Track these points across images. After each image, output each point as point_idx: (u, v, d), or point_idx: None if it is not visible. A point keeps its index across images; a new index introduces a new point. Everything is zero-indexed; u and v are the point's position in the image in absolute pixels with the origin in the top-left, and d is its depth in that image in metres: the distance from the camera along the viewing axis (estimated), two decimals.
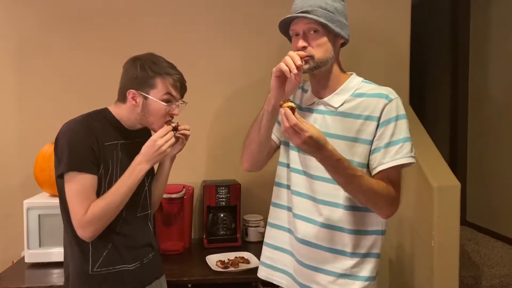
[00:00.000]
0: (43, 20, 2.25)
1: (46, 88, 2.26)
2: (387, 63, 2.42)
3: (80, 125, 1.32)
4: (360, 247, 1.26)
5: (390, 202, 1.20)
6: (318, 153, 1.10)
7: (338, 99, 1.26)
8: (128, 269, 1.38)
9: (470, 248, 2.94)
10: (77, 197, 1.27)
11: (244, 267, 1.82)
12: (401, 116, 1.22)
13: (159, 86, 1.35)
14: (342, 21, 1.24)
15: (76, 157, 1.28)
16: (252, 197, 2.36)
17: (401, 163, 1.20)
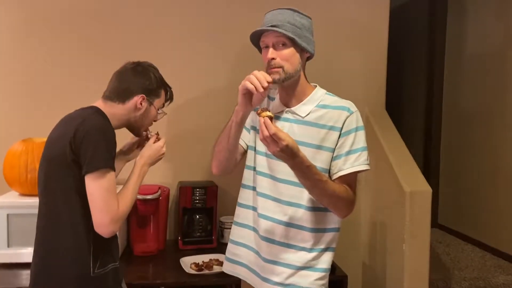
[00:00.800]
0: (15, 18, 2.19)
1: (17, 86, 2.20)
2: (364, 68, 2.45)
3: (108, 123, 1.36)
4: (320, 243, 1.39)
5: (348, 204, 1.33)
6: (291, 160, 1.19)
7: (305, 109, 1.37)
8: (117, 267, 1.42)
9: (440, 251, 3.01)
10: (110, 193, 1.27)
11: (219, 270, 1.81)
12: (360, 128, 1.35)
13: (162, 97, 1.51)
14: (308, 36, 1.35)
15: (111, 154, 1.31)
16: (229, 199, 2.35)
17: (359, 170, 1.34)
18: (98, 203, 1.25)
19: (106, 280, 1.36)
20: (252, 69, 1.28)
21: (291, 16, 1.32)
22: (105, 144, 1.29)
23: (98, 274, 1.33)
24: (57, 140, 1.33)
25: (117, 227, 1.29)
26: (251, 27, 1.37)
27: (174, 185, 2.29)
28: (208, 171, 2.32)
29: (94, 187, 1.25)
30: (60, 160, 1.29)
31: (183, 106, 2.32)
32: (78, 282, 1.32)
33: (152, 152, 1.48)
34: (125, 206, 1.32)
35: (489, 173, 3.05)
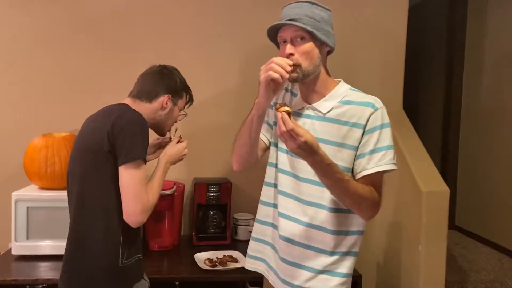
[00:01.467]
0: (37, 16, 2.23)
1: (38, 80, 2.24)
2: (382, 67, 2.42)
3: (143, 118, 1.41)
4: (341, 246, 1.32)
5: (372, 205, 1.26)
6: (310, 157, 1.14)
7: (327, 105, 1.31)
8: (140, 258, 1.48)
9: (457, 253, 2.97)
10: (142, 184, 1.34)
11: (233, 266, 1.83)
12: (386, 125, 1.27)
13: (184, 98, 1.62)
14: (327, 29, 1.28)
15: (145, 147, 1.37)
16: (243, 196, 2.36)
17: (384, 169, 1.26)
18: (132, 192, 1.31)
19: (131, 271, 1.41)
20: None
21: (310, 9, 1.26)
22: (141, 136, 1.36)
23: (125, 265, 1.38)
24: (94, 131, 1.38)
25: (146, 217, 1.35)
26: (262, 26, 1.35)
27: (189, 181, 2.30)
28: (223, 167, 2.34)
29: (128, 177, 1.31)
30: (97, 150, 1.34)
31: (197, 104, 2.31)
32: (107, 271, 1.37)
33: (175, 152, 1.56)
34: (153, 198, 1.38)
35: (508, 174, 2.99)
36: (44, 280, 1.71)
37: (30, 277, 1.72)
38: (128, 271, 1.40)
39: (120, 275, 1.38)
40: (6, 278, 1.71)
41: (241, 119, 1.44)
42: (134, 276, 1.44)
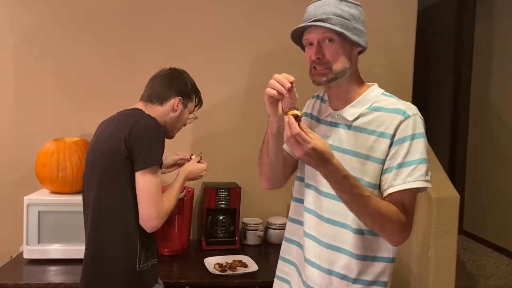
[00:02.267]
0: (50, 20, 2.25)
1: (50, 85, 2.26)
2: (390, 70, 2.42)
3: (159, 123, 1.44)
4: (366, 274, 1.17)
5: (399, 228, 1.08)
6: (322, 167, 1.02)
7: (353, 111, 1.18)
8: (155, 263, 1.50)
9: (465, 258, 2.95)
10: (159, 189, 1.38)
11: (242, 271, 1.83)
12: (418, 135, 1.11)
13: (194, 101, 1.65)
14: (359, 28, 1.15)
15: (162, 152, 1.40)
16: (252, 201, 2.37)
17: (413, 187, 1.09)
18: (148, 197, 1.33)
19: (148, 276, 1.43)
20: (275, 71, 1.18)
21: (337, 6, 1.13)
22: (158, 142, 1.38)
23: (142, 269, 1.40)
24: (111, 137, 1.40)
25: (161, 222, 1.37)
26: (273, 29, 1.29)
27: (199, 185, 2.31)
28: (232, 172, 2.34)
29: (145, 182, 1.33)
30: (114, 156, 1.36)
31: (207, 108, 2.33)
32: (125, 276, 1.39)
33: (195, 170, 1.64)
34: (168, 205, 1.42)
35: None
36: (56, 284, 1.73)
37: (41, 281, 1.74)
38: (144, 275, 1.42)
39: (137, 279, 1.40)
40: (18, 282, 1.72)
41: (250, 123, 1.43)
42: (150, 280, 1.46)
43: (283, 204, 2.40)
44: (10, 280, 1.72)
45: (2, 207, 2.22)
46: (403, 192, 1.09)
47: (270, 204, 2.39)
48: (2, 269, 1.87)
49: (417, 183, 1.08)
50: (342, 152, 1.17)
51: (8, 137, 2.23)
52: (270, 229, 2.29)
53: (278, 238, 2.27)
